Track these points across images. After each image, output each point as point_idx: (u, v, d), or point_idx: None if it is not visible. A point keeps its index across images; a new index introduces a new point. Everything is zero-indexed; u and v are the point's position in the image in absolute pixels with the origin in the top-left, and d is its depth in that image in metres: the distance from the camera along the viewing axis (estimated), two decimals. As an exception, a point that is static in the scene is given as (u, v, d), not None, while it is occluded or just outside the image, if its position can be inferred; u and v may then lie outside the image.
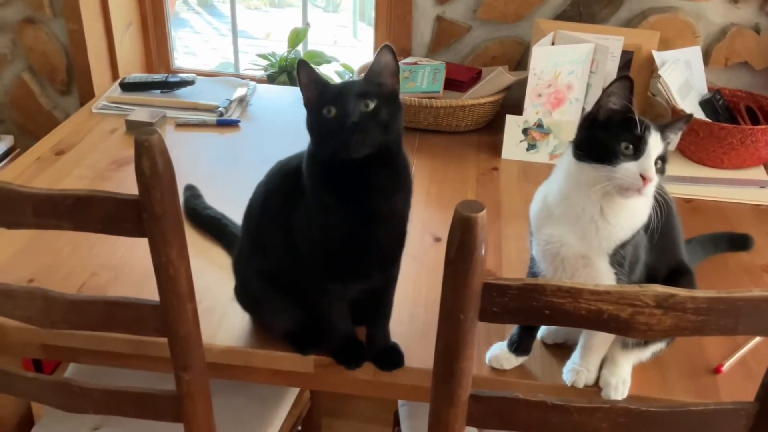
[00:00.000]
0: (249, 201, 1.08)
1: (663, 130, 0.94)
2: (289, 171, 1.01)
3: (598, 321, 0.77)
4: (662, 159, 0.93)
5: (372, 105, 0.92)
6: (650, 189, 0.91)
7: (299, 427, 1.53)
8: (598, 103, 0.94)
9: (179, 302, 0.92)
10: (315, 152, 0.96)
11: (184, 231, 0.90)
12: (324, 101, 0.93)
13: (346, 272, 1.00)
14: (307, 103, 0.96)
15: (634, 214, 0.95)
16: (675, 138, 0.97)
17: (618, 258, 0.94)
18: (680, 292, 0.74)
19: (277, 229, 1.01)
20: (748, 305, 0.76)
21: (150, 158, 0.83)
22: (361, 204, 0.94)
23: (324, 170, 0.95)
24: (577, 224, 0.95)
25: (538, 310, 0.77)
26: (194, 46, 4.69)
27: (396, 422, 1.45)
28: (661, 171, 0.92)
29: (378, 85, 0.94)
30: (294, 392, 1.45)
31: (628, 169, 0.90)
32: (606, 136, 0.92)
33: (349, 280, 1.01)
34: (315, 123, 0.94)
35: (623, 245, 0.94)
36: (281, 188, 1.02)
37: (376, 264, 1.01)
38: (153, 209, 0.85)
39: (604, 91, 0.93)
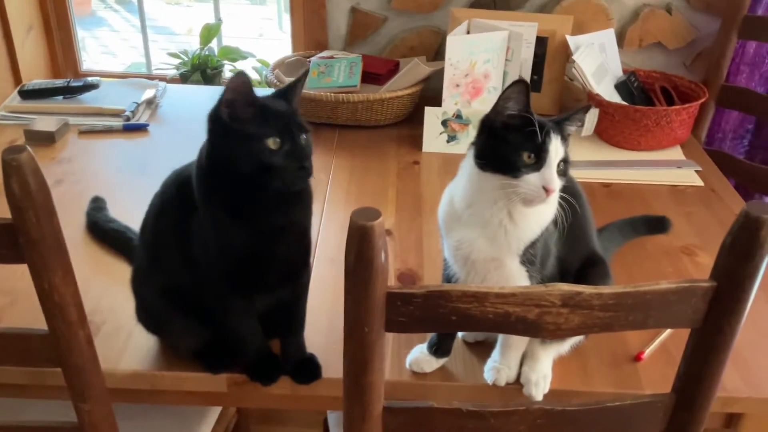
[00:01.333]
0: (145, 212, 1.01)
1: (562, 127, 0.90)
2: (184, 181, 0.94)
3: (505, 324, 0.74)
4: (564, 161, 0.89)
5: (306, 136, 0.90)
6: (554, 197, 0.89)
7: (228, 442, 1.47)
8: (494, 109, 0.89)
9: (69, 330, 0.86)
10: (222, 170, 0.89)
11: (67, 254, 0.83)
12: (267, 131, 0.86)
13: (248, 286, 0.95)
14: (229, 119, 0.87)
15: (540, 214, 0.92)
16: (575, 128, 0.93)
17: (528, 257, 0.92)
18: (586, 289, 0.72)
19: (174, 242, 0.95)
20: (656, 298, 0.74)
21: (20, 179, 0.76)
22: (258, 219, 0.90)
23: (217, 186, 0.89)
24: (486, 229, 0.92)
25: (444, 316, 0.74)
26: (112, 45, 4.52)
27: (326, 429, 1.41)
28: (563, 173, 0.89)
29: (297, 108, 0.93)
30: (217, 408, 1.39)
31: (530, 181, 0.87)
32: (506, 147, 0.87)
33: (253, 293, 0.96)
34: (251, 152, 0.86)
35: (532, 244, 0.92)
36: (176, 200, 0.95)
37: (280, 277, 0.96)
38: (29, 233, 0.78)
39: (501, 95, 0.88)
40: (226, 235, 0.90)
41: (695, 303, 0.76)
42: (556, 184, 0.87)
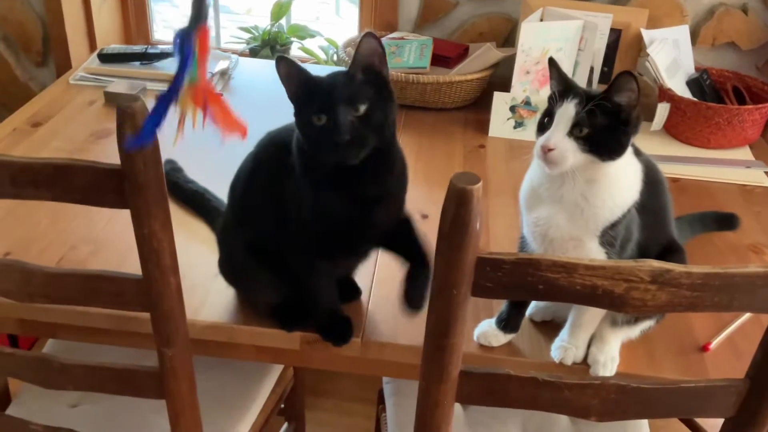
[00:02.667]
0: (237, 171, 1.05)
1: (591, 96, 0.91)
2: (279, 143, 0.98)
3: (592, 296, 0.75)
4: (585, 125, 0.90)
5: (363, 108, 0.89)
6: (555, 157, 0.90)
7: (282, 405, 1.51)
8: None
9: (162, 276, 0.90)
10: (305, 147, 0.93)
11: (167, 202, 0.87)
12: (312, 107, 0.89)
13: (338, 250, 0.98)
14: (293, 99, 0.92)
15: (618, 194, 0.93)
16: (626, 100, 0.92)
17: (608, 238, 0.93)
18: (676, 267, 0.73)
19: (265, 201, 0.98)
20: (743, 281, 0.75)
21: (133, 126, 0.80)
22: (354, 190, 0.93)
23: (314, 161, 0.92)
24: (563, 206, 0.94)
25: (532, 285, 0.75)
26: (173, 20, 4.60)
27: (381, 400, 1.44)
28: (586, 139, 0.90)
29: (365, 78, 0.91)
30: (277, 369, 1.44)
31: (540, 140, 0.93)
32: (544, 113, 0.95)
33: (341, 257, 0.99)
34: (304, 126, 0.90)
35: (613, 226, 0.93)
36: (271, 160, 0.99)
37: (370, 242, 0.99)
38: (136, 179, 0.82)
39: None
40: (323, 201, 0.93)
41: (781, 289, 0.76)
42: (553, 142, 0.90)
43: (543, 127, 0.94)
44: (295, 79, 0.91)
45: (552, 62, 0.96)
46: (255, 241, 1.02)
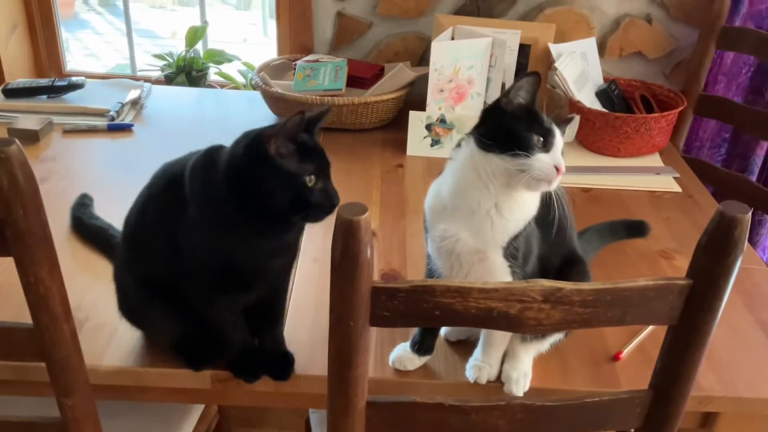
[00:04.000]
0: (132, 204, 1.02)
1: (558, 125, 0.94)
2: (173, 176, 0.95)
3: (488, 319, 0.76)
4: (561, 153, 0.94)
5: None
6: (559, 180, 0.91)
7: (208, 442, 1.47)
8: (506, 96, 0.93)
9: (54, 323, 0.86)
10: (237, 187, 0.89)
11: (53, 248, 0.83)
12: (306, 168, 0.89)
13: (234, 288, 0.96)
14: (278, 156, 0.88)
15: (525, 206, 0.94)
16: (566, 132, 0.97)
17: (511, 250, 0.94)
18: (566, 285, 0.74)
19: (158, 236, 0.95)
20: (634, 295, 0.76)
21: (8, 171, 0.76)
22: (259, 239, 0.92)
23: (227, 201, 0.89)
24: (472, 219, 0.94)
25: (428, 311, 0.75)
26: (95, 47, 4.51)
27: (308, 428, 1.41)
28: None
29: None
30: (199, 406, 1.40)
31: (542, 160, 0.90)
32: (517, 129, 0.91)
33: (239, 293, 0.97)
34: (289, 186, 0.88)
35: (516, 237, 0.94)
36: (164, 194, 0.96)
37: (268, 281, 0.98)
38: (16, 226, 0.79)
39: (514, 84, 0.92)
40: (222, 245, 0.91)
41: (672, 300, 0.78)
42: (563, 165, 0.91)
43: (527, 144, 0.90)
44: (293, 135, 0.89)
45: (538, 77, 0.92)
46: (150, 276, 0.98)
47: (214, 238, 0.91)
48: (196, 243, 0.91)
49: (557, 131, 0.93)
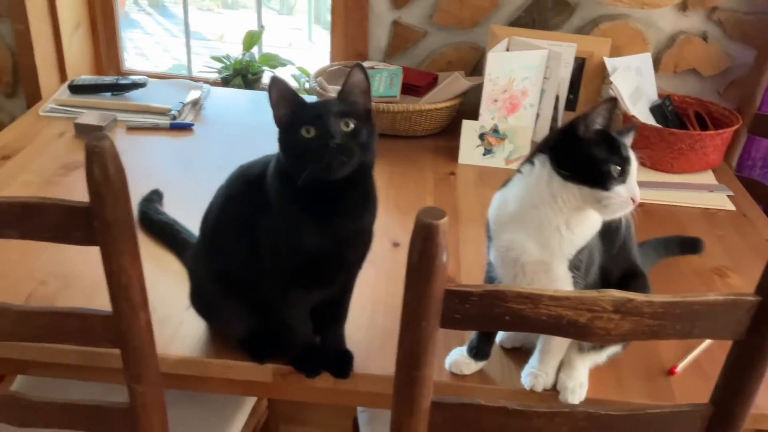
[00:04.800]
0: (209, 203, 1.06)
1: (621, 134, 0.96)
2: (251, 177, 0.99)
3: (557, 326, 0.77)
4: None
5: (352, 125, 0.91)
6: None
7: (256, 437, 1.50)
8: (583, 122, 0.92)
9: (132, 311, 0.90)
10: (289, 171, 0.93)
11: (136, 238, 0.87)
12: (301, 121, 0.90)
13: (311, 282, 0.99)
14: (280, 122, 0.93)
15: (592, 221, 0.96)
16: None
17: (576, 262, 0.95)
18: (637, 297, 0.75)
19: (236, 234, 0.99)
20: (703, 309, 0.77)
21: (101, 165, 0.80)
22: (332, 224, 0.94)
23: (295, 189, 0.92)
24: (541, 233, 0.95)
25: (499, 316, 0.77)
26: (145, 47, 4.60)
27: (355, 429, 1.44)
28: None
29: (353, 104, 0.93)
30: (251, 401, 1.43)
31: (621, 194, 0.91)
32: (595, 160, 0.91)
33: (314, 288, 1.00)
34: (291, 143, 0.92)
35: (581, 250, 0.95)
36: (243, 195, 1.00)
37: (342, 274, 1.00)
38: (105, 216, 0.83)
39: (592, 110, 0.92)
40: (299, 235, 0.94)
41: (740, 316, 0.78)
42: (638, 195, 0.93)
43: (606, 177, 0.91)
44: (286, 99, 0.92)
45: (614, 102, 0.94)
46: (226, 273, 1.02)
47: (292, 228, 0.94)
48: (277, 238, 0.95)
49: (633, 157, 0.94)
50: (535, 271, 0.96)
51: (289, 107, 0.93)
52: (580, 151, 0.93)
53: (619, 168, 0.92)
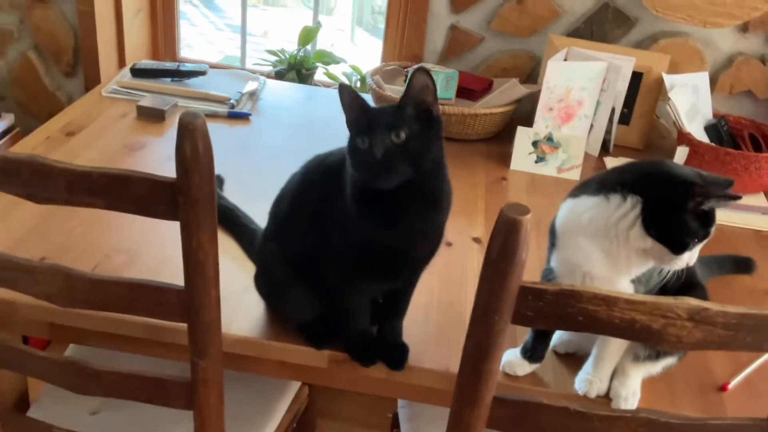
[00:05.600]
0: (282, 188, 1.08)
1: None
2: (329, 166, 1.01)
3: (630, 330, 0.78)
4: None
5: (403, 136, 0.91)
6: None
7: (294, 425, 1.52)
8: (698, 200, 0.90)
9: (205, 288, 0.92)
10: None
11: (216, 217, 0.89)
12: (359, 130, 0.93)
13: (376, 274, 1.00)
14: (348, 126, 0.96)
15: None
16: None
17: (639, 277, 0.96)
18: (713, 306, 0.76)
19: (310, 219, 1.01)
20: (776, 323, 0.77)
21: (192, 142, 0.83)
22: (398, 223, 0.95)
23: (362, 190, 0.95)
24: (609, 255, 0.96)
25: (572, 316, 0.78)
26: (191, 39, 4.67)
27: (395, 424, 1.45)
28: None
29: (413, 109, 0.93)
30: (294, 388, 1.45)
31: (683, 259, 0.93)
32: (689, 230, 0.91)
33: (379, 280, 1.01)
34: (350, 149, 0.94)
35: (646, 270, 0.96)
36: (320, 181, 1.02)
37: (407, 270, 1.02)
38: (190, 193, 0.85)
39: (710, 192, 0.90)
40: (369, 230, 0.96)
41: (811, 333, 0.79)
42: (694, 261, 0.95)
43: (685, 247, 0.92)
44: (353, 106, 0.94)
45: (729, 184, 0.93)
46: (294, 257, 1.04)
47: (363, 223, 0.96)
48: (348, 228, 0.97)
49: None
50: (599, 284, 0.97)
51: (354, 113, 0.95)
52: (677, 217, 0.91)
53: (697, 241, 0.93)
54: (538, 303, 0.78)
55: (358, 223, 0.96)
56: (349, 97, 0.94)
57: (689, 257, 0.94)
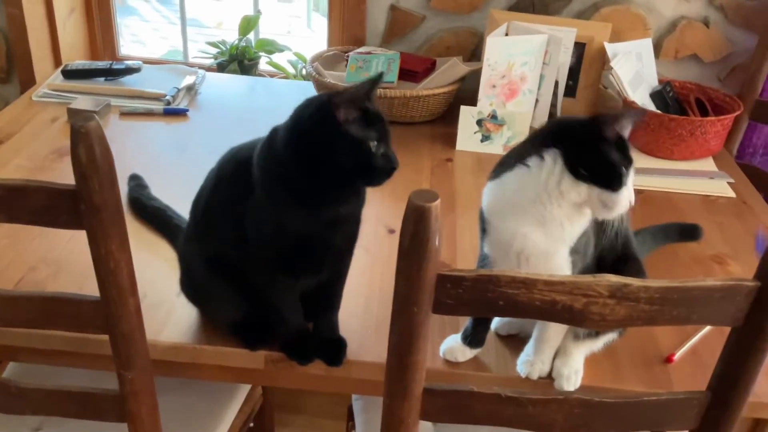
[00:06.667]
0: (200, 187, 1.04)
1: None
2: (241, 160, 0.97)
3: (551, 311, 0.76)
4: None
5: None
6: None
7: (251, 424, 1.49)
8: (611, 125, 0.90)
9: (120, 297, 0.88)
10: (299, 159, 0.90)
11: (124, 222, 0.85)
12: (370, 134, 0.90)
13: (298, 267, 0.97)
14: (345, 122, 0.89)
15: (588, 212, 0.94)
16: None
17: (576, 247, 0.94)
18: (634, 281, 0.74)
19: (226, 217, 0.98)
20: (701, 294, 0.76)
21: (87, 146, 0.79)
22: (322, 208, 0.93)
23: (285, 174, 0.91)
24: (543, 227, 0.93)
25: (492, 301, 0.76)
26: (142, 34, 4.57)
27: (350, 416, 1.43)
28: None
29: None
30: (245, 388, 1.42)
31: (623, 196, 0.90)
32: (616, 162, 0.90)
33: (302, 273, 0.98)
34: (355, 151, 0.89)
35: (580, 236, 0.94)
36: (232, 177, 0.98)
37: (330, 260, 0.99)
38: (91, 200, 0.81)
39: (620, 114, 0.90)
40: (285, 219, 0.92)
41: (738, 302, 0.77)
42: (633, 197, 0.92)
43: (619, 180, 0.90)
44: (358, 102, 0.90)
45: (643, 113, 0.96)
46: (216, 257, 1.01)
47: (279, 213, 0.93)
48: (262, 221, 0.93)
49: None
50: (537, 262, 0.94)
51: (356, 112, 0.89)
52: (600, 152, 0.90)
53: (625, 170, 0.90)
54: (457, 290, 0.76)
55: (275, 214, 0.93)
56: (361, 92, 0.89)
57: (629, 195, 0.91)
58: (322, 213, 0.93)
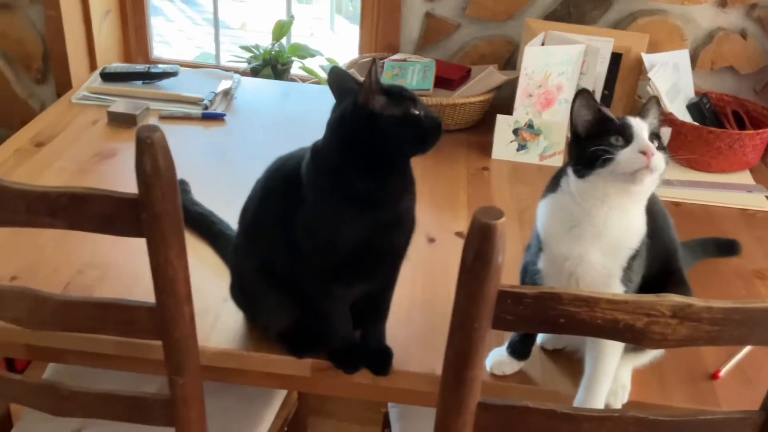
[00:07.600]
0: (248, 196, 1.05)
1: (640, 115, 0.96)
2: (289, 170, 0.98)
3: (613, 330, 0.76)
4: (656, 135, 0.94)
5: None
6: (657, 161, 0.90)
7: (285, 428, 1.50)
8: (573, 126, 0.96)
9: (177, 304, 0.89)
10: (352, 160, 0.93)
11: (183, 231, 0.86)
12: (407, 104, 0.93)
13: (351, 275, 0.98)
14: (381, 106, 0.92)
15: (641, 222, 0.94)
16: (657, 123, 0.98)
17: (629, 274, 0.94)
18: (697, 302, 0.74)
19: (276, 227, 0.98)
20: (763, 315, 0.75)
21: (152, 156, 0.80)
22: (373, 210, 0.93)
23: (335, 179, 0.93)
24: (601, 242, 0.94)
25: (553, 318, 0.76)
26: (168, 35, 4.60)
27: (386, 424, 1.43)
28: (661, 147, 0.93)
29: None
30: (282, 393, 1.43)
31: (627, 153, 0.91)
32: (595, 143, 0.92)
33: (356, 281, 0.99)
34: (404, 125, 0.93)
35: (633, 257, 0.93)
36: (281, 187, 0.99)
37: (384, 266, 0.99)
38: (153, 209, 0.82)
39: (572, 111, 0.96)
40: (346, 227, 0.93)
41: (800, 323, 0.77)
42: (652, 147, 0.90)
43: (608, 150, 0.91)
44: (377, 85, 0.92)
45: (585, 93, 0.95)
46: (266, 266, 1.02)
47: (338, 223, 0.93)
48: (317, 232, 0.94)
49: (633, 121, 0.94)
50: (589, 284, 0.94)
51: (382, 94, 0.92)
52: (586, 146, 0.93)
53: (619, 137, 0.92)
54: (518, 307, 0.76)
55: (329, 223, 0.94)
56: (378, 73, 0.93)
57: (632, 150, 0.91)
58: (381, 213, 0.94)
